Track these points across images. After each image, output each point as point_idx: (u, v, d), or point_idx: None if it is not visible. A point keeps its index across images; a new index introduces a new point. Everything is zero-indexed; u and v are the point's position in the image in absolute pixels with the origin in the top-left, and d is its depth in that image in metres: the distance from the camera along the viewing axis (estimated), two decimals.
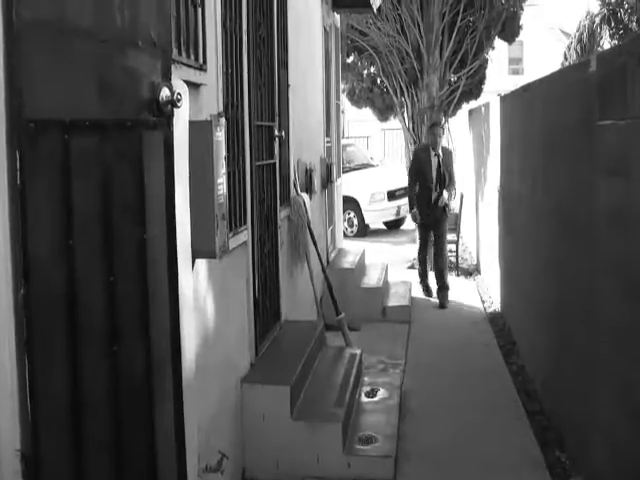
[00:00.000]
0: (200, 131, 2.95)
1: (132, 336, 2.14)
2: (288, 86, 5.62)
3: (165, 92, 2.28)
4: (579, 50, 17.34)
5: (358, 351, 5.46)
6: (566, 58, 18.77)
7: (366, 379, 5.39)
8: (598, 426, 3.78)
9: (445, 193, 8.45)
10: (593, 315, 3.89)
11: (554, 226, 4.97)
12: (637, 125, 3.16)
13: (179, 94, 2.31)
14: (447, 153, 8.76)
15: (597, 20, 16.27)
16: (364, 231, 14.72)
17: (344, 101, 13.40)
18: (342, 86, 11.55)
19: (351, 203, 14.19)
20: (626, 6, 14.98)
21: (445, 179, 8.46)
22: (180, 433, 2.40)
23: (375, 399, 4.98)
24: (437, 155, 8.50)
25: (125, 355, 2.08)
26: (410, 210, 8.81)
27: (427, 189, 8.46)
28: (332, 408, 4.28)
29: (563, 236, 4.67)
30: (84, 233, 1.92)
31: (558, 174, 4.84)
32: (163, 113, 2.29)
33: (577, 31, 17.91)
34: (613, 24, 15.27)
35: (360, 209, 14.61)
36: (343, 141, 14.27)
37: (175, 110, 2.37)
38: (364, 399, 4.97)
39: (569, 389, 4.49)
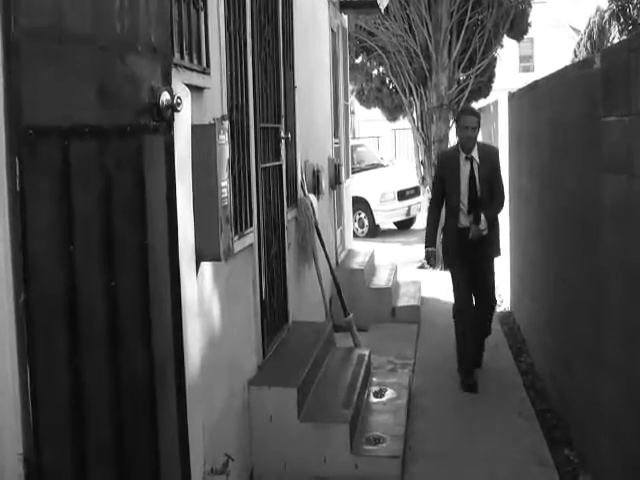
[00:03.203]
0: (203, 134, 2.97)
1: (134, 340, 2.15)
2: (294, 88, 5.63)
3: (165, 96, 2.29)
4: (589, 47, 17.27)
5: (366, 351, 5.47)
6: (576, 55, 18.70)
7: (375, 379, 5.39)
8: (606, 424, 3.77)
9: (481, 219, 5.48)
10: (599, 313, 3.88)
11: (562, 224, 4.95)
12: None
13: (179, 98, 2.32)
14: (488, 154, 5.72)
15: (606, 16, 16.21)
16: (375, 231, 14.72)
17: (354, 101, 13.41)
18: (351, 86, 11.56)
19: (361, 203, 14.20)
20: (635, 1, 14.92)
21: (482, 195, 5.55)
22: (184, 436, 2.41)
23: (383, 399, 4.98)
24: (471, 160, 5.57)
25: (127, 359, 2.09)
26: (425, 246, 5.84)
27: (455, 212, 5.63)
28: (340, 409, 4.29)
29: (571, 234, 4.66)
30: (85, 238, 1.93)
31: (565, 172, 4.83)
32: (163, 117, 2.30)
33: (587, 27, 17.84)
34: (622, 20, 15.21)
35: (370, 209, 14.61)
36: (353, 141, 14.29)
37: (176, 114, 2.38)
38: (372, 399, 4.97)
39: (577, 387, 4.47)
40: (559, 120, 5.02)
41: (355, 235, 13.10)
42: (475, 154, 5.61)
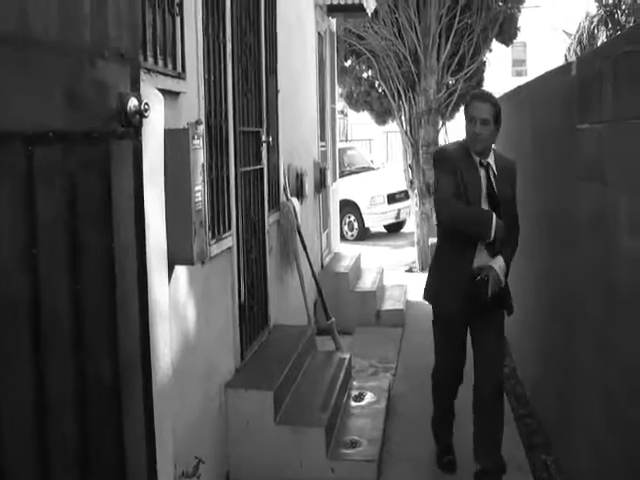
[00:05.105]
0: (176, 139, 2.98)
1: (99, 343, 2.16)
2: (277, 92, 5.64)
3: (133, 102, 2.30)
4: (579, 51, 17.35)
5: (347, 355, 5.48)
6: (566, 59, 18.78)
7: (355, 383, 5.41)
8: (580, 430, 3.79)
9: (498, 261, 3.87)
10: (573, 321, 3.91)
11: (543, 232, 4.98)
12: (611, 129, 3.18)
13: (146, 104, 2.33)
14: (507, 168, 4.06)
15: (595, 21, 16.32)
16: (364, 234, 14.76)
17: (346, 104, 13.43)
18: (340, 90, 11.58)
19: (351, 206, 14.26)
20: (623, 7, 15.02)
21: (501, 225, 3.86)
22: (151, 441, 2.42)
23: (362, 403, 4.99)
24: (486, 168, 3.94)
25: (92, 363, 2.10)
26: (484, 221, 3.82)
27: (467, 246, 3.91)
28: (316, 412, 4.30)
29: (550, 242, 4.69)
30: (49, 242, 1.94)
31: (546, 179, 4.85)
32: (131, 123, 2.31)
33: (577, 32, 17.93)
34: (610, 25, 15.33)
35: (360, 212, 14.66)
36: (343, 144, 14.27)
37: (148, 119, 2.39)
38: (352, 403, 4.99)
39: (554, 392, 4.50)
40: (540, 126, 5.05)
41: (345, 238, 13.14)
42: (492, 161, 3.97)
